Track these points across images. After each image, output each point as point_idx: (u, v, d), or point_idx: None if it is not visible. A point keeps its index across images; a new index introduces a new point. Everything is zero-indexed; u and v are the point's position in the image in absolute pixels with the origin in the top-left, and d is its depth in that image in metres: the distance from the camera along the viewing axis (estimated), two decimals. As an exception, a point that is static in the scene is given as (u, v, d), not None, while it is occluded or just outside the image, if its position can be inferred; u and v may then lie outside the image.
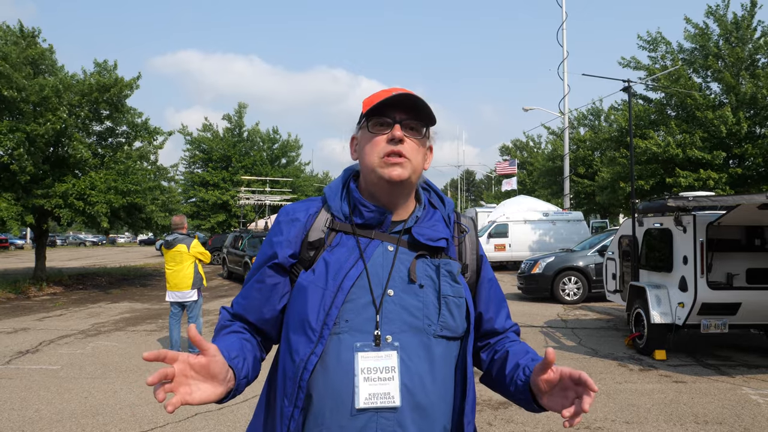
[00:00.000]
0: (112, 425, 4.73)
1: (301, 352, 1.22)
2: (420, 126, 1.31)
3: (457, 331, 1.28)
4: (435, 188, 1.44)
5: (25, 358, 7.19)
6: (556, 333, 8.78)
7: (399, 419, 1.19)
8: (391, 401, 1.19)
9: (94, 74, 15.04)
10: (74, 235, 60.24)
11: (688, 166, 15.96)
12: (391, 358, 1.20)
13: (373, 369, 1.19)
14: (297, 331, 1.24)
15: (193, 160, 30.59)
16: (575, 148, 27.26)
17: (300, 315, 1.24)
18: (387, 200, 1.32)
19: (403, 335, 1.23)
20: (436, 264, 1.29)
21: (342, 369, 1.20)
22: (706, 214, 6.75)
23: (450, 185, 69.79)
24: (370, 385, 1.19)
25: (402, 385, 1.20)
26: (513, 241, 19.72)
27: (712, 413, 5.00)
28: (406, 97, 1.27)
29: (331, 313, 1.21)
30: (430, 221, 1.35)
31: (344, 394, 1.19)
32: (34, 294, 14.29)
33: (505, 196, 32.07)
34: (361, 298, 1.23)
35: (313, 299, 1.23)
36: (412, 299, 1.25)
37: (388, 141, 1.27)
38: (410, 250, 1.30)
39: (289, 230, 1.33)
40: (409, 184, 1.31)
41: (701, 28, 16.38)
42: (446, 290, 1.27)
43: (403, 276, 1.26)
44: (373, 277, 1.25)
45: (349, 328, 1.22)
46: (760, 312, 6.72)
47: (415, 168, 1.29)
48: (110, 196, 13.83)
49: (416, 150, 1.30)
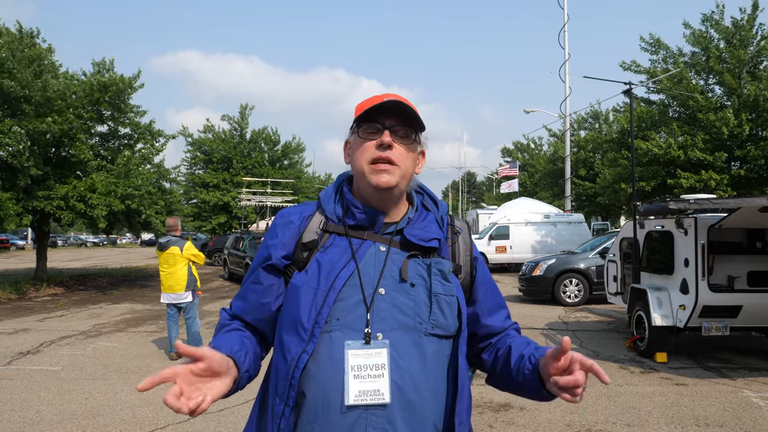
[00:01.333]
0: (112, 426, 4.72)
1: (292, 351, 1.23)
2: (409, 132, 1.33)
3: (449, 330, 1.29)
4: (428, 191, 1.47)
5: (26, 359, 7.20)
6: (557, 335, 8.77)
7: (389, 416, 1.19)
8: (381, 398, 1.19)
9: (95, 74, 15.06)
10: (75, 236, 60.28)
11: (689, 167, 15.95)
12: (381, 356, 1.21)
13: (363, 366, 1.20)
14: (289, 331, 1.26)
15: (195, 161, 30.61)
16: (576, 150, 27.25)
17: (292, 315, 1.26)
18: (377, 204, 1.34)
19: (393, 333, 1.24)
20: (427, 263, 1.30)
21: (333, 366, 1.21)
22: (707, 216, 6.74)
23: (451, 187, 69.79)
24: (360, 383, 1.19)
25: (392, 382, 1.21)
26: (514, 243, 19.72)
27: (713, 416, 4.99)
28: (396, 104, 1.30)
29: (323, 312, 1.23)
30: (422, 222, 1.37)
31: (334, 391, 1.20)
32: (35, 295, 14.30)
33: (506, 198, 32.07)
34: (353, 296, 1.25)
35: (305, 299, 1.25)
36: (403, 298, 1.26)
37: (378, 146, 1.30)
38: (402, 251, 1.32)
39: (284, 233, 1.35)
40: (398, 190, 1.33)
41: (700, 32, 16.38)
42: (437, 289, 1.28)
43: (394, 275, 1.28)
44: (365, 276, 1.27)
45: (341, 326, 1.23)
46: (762, 315, 6.71)
47: (403, 174, 1.32)
48: (110, 199, 13.86)
49: (405, 155, 1.32)
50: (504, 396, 5.54)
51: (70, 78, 14.86)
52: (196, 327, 7.11)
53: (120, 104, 15.31)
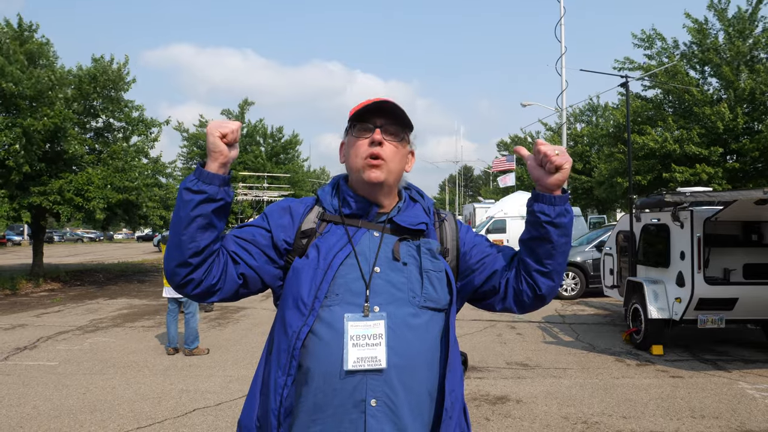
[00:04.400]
0: (110, 421, 4.73)
1: (294, 325, 1.32)
2: (399, 131, 1.44)
3: (440, 303, 1.40)
4: (416, 188, 1.59)
5: (23, 355, 7.19)
6: (554, 328, 8.81)
7: (387, 380, 1.29)
8: (378, 364, 1.29)
9: (90, 69, 14.97)
10: (71, 232, 60.03)
11: (685, 161, 15.99)
12: (378, 327, 1.31)
13: (361, 336, 1.30)
14: (291, 308, 1.35)
15: (191, 156, 30.50)
16: (572, 145, 27.26)
17: (294, 294, 1.36)
18: (370, 198, 1.46)
19: (389, 306, 1.34)
20: (416, 244, 1.42)
21: (333, 336, 1.30)
22: (703, 209, 6.76)
23: (448, 180, 69.76)
24: (358, 350, 1.29)
25: (389, 348, 1.30)
26: (511, 236, 19.71)
27: (708, 408, 5.02)
28: (386, 104, 1.41)
29: (322, 288, 1.33)
30: (411, 211, 1.49)
31: (335, 359, 1.29)
32: (32, 290, 14.27)
33: (504, 192, 32.05)
34: (350, 274, 1.35)
35: (306, 278, 1.35)
36: (397, 275, 1.37)
37: (369, 144, 1.41)
38: (393, 235, 1.44)
39: (284, 215, 1.46)
40: (387, 185, 1.44)
41: (700, 23, 16.37)
42: (427, 265, 1.40)
43: (388, 256, 1.40)
44: (361, 256, 1.38)
45: (340, 300, 1.33)
46: (757, 307, 6.75)
47: (392, 170, 1.43)
48: (107, 192, 13.81)
49: (395, 153, 1.43)
50: (500, 389, 5.56)
51: (67, 73, 14.76)
52: (195, 323, 7.11)
53: (113, 97, 15.22)
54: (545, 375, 6.10)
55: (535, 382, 5.81)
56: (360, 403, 1.27)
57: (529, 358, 6.83)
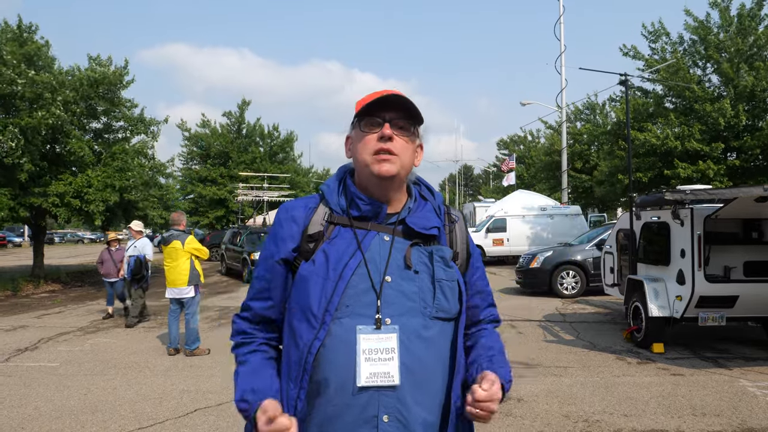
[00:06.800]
0: (111, 422, 4.73)
1: (305, 338, 1.29)
2: (408, 125, 1.38)
3: (450, 312, 1.36)
4: (425, 182, 1.53)
5: (24, 356, 7.19)
6: (555, 327, 8.81)
7: (399, 397, 1.27)
8: (391, 380, 1.26)
9: (88, 70, 14.96)
10: (72, 233, 60.05)
11: (686, 158, 15.96)
12: (391, 340, 1.28)
13: (374, 350, 1.27)
14: (300, 319, 1.32)
15: (191, 156, 30.50)
16: (572, 143, 27.23)
17: (302, 304, 1.32)
18: (379, 194, 1.39)
19: (401, 318, 1.30)
20: (429, 251, 1.38)
21: (345, 350, 1.27)
22: (703, 207, 6.75)
23: (448, 180, 69.76)
24: (371, 365, 1.26)
25: (401, 364, 1.28)
26: (511, 235, 19.75)
27: (709, 405, 5.02)
28: (395, 98, 1.35)
29: (333, 300, 1.29)
30: (422, 212, 1.43)
31: (347, 374, 1.26)
32: (33, 292, 14.29)
33: (506, 191, 32.06)
34: (360, 284, 1.31)
35: (315, 288, 1.30)
36: (408, 284, 1.33)
37: (379, 139, 1.35)
38: (405, 239, 1.38)
39: (290, 226, 1.40)
40: (398, 179, 1.38)
41: (701, 21, 16.35)
42: (440, 275, 1.36)
43: (399, 263, 1.34)
44: (371, 264, 1.33)
45: (351, 312, 1.29)
46: (758, 305, 6.74)
47: (403, 164, 1.37)
48: (105, 194, 13.81)
49: (405, 147, 1.37)
50: (502, 388, 5.55)
51: (65, 74, 14.76)
52: (195, 324, 7.12)
53: (113, 98, 15.22)
54: (546, 373, 6.10)
55: (536, 381, 5.81)
56: (372, 419, 1.26)
57: (529, 357, 6.82)
